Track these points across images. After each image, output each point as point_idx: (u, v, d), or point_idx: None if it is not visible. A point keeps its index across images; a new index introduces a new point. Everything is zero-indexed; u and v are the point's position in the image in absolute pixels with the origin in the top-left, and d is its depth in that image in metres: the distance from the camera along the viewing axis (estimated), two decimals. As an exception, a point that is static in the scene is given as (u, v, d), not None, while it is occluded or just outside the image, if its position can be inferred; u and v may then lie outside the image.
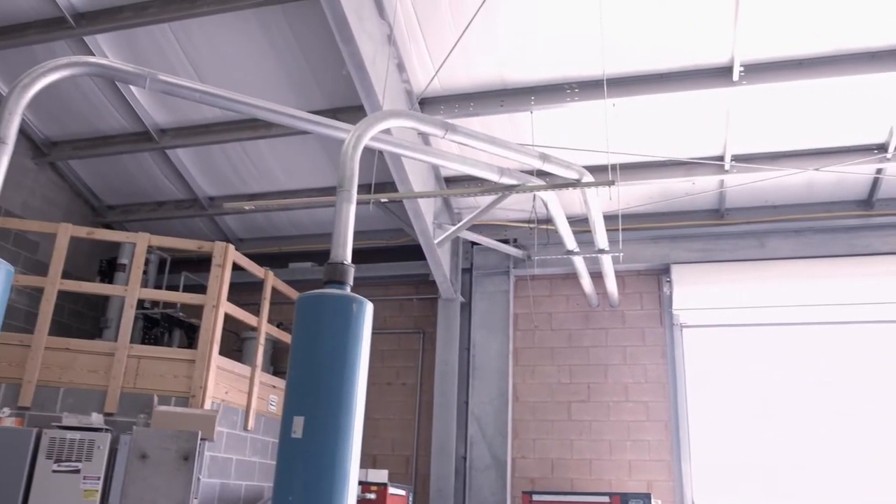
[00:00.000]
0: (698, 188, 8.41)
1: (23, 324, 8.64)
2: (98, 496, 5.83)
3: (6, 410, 6.08)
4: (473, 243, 9.47)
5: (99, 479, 5.87)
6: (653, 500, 7.37)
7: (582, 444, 8.96)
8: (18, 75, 6.01)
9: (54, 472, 5.83)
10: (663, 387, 8.96)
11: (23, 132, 8.89)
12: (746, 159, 7.75)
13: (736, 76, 6.52)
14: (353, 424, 4.18)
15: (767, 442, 8.49)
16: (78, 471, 5.85)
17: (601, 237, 7.51)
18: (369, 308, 4.39)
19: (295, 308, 4.52)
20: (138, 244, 7.03)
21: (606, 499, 7.37)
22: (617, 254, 7.75)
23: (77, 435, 5.94)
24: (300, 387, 4.19)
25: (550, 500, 7.45)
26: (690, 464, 8.67)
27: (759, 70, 6.53)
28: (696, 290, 8.97)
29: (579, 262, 8.29)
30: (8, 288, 4.33)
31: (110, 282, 9.19)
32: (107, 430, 6.04)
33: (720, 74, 6.62)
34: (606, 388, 9.11)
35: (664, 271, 9.28)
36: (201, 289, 7.43)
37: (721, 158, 7.81)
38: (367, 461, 9.29)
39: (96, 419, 6.11)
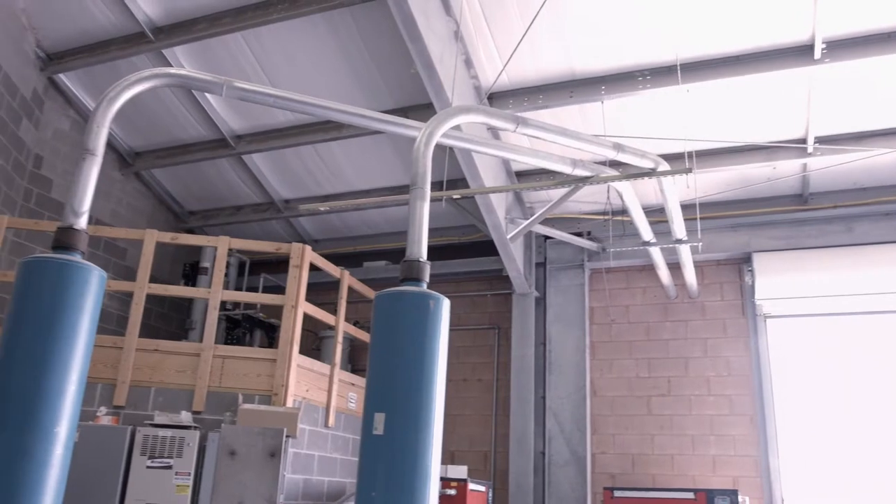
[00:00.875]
0: (780, 173, 8.09)
1: (115, 327, 9.05)
2: (189, 491, 6.06)
3: (103, 409, 6.38)
4: (547, 237, 9.38)
5: (189, 474, 6.10)
6: (740, 497, 7.13)
7: (663, 439, 8.76)
8: (103, 90, 6.30)
9: (148, 467, 6.09)
10: (747, 380, 8.67)
11: (109, 144, 9.32)
12: (831, 141, 7.40)
13: (818, 54, 6.23)
14: (434, 420, 4.20)
15: (858, 436, 8.10)
16: (170, 467, 6.09)
17: (678, 227, 7.31)
18: (446, 304, 4.40)
19: (373, 306, 4.58)
20: (219, 247, 7.25)
21: (691, 495, 7.17)
22: (695, 243, 7.53)
23: (168, 433, 6.18)
24: (380, 383, 4.24)
25: (633, 497, 7.31)
26: (779, 459, 8.36)
27: (842, 46, 6.22)
28: (780, 279, 8.63)
29: (656, 253, 8.10)
30: (101, 293, 4.54)
31: (194, 285, 9.54)
32: (196, 427, 6.27)
33: (800, 53, 6.34)
34: (687, 381, 8.88)
35: (745, 260, 8.97)
36: (279, 290, 7.62)
37: (803, 141, 7.49)
38: (446, 457, 9.34)
39: (186, 417, 6.34)
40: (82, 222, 4.48)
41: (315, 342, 9.71)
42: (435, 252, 9.72)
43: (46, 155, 8.78)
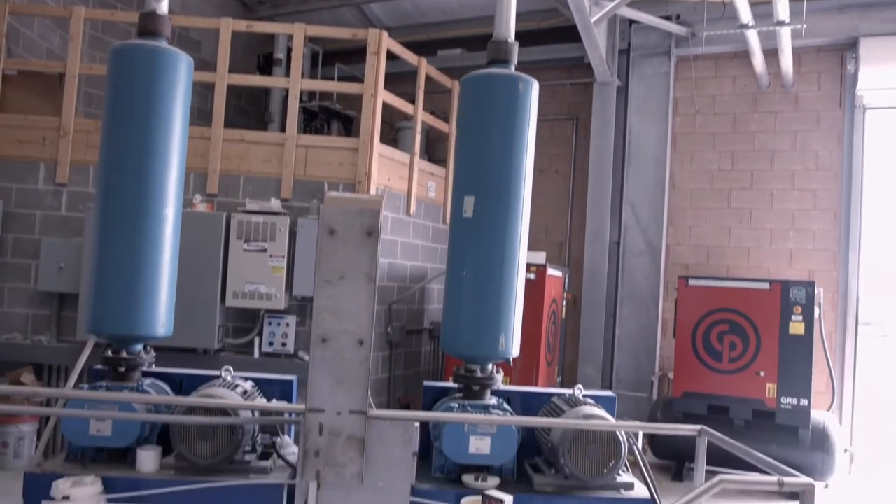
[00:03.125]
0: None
1: (195, 120, 9.21)
2: (284, 272, 6.48)
3: (198, 197, 6.69)
4: (632, 21, 8.79)
5: (283, 257, 6.49)
6: (816, 289, 7.17)
7: (741, 232, 8.73)
8: None
9: (245, 251, 6.49)
10: (835, 174, 8.37)
11: (173, -75, 8.90)
12: None
13: None
14: (522, 202, 4.25)
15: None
16: (265, 250, 6.48)
17: (782, 6, 6.71)
18: (535, 87, 4.27)
19: (460, 90, 4.49)
20: (295, 35, 7.10)
21: (766, 285, 7.24)
22: (798, 26, 6.95)
23: (260, 218, 6.50)
24: (470, 167, 4.27)
25: (707, 286, 7.44)
26: (859, 254, 8.27)
27: None
28: (888, 68, 7.97)
29: (753, 38, 7.54)
30: (191, 79, 4.57)
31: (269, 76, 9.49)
32: (285, 213, 6.56)
33: None
34: (771, 175, 8.64)
35: (850, 46, 8.27)
36: (354, 80, 7.51)
37: None
38: (521, 246, 9.59)
39: (275, 204, 6.62)
40: (164, 7, 4.40)
41: (391, 134, 9.72)
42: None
43: (112, -61, 8.49)
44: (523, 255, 4.32)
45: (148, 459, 3.91)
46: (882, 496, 7.19)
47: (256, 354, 6.56)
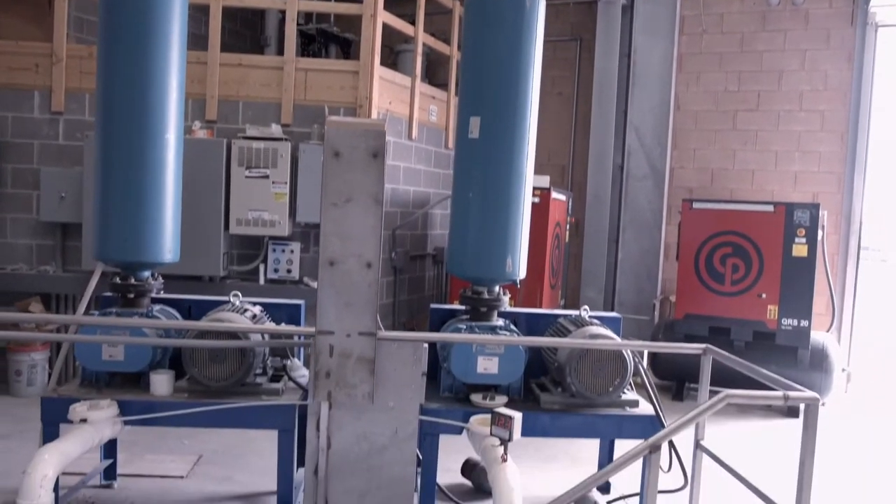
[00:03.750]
0: None
1: (189, 45, 8.98)
2: (287, 199, 6.45)
3: (197, 123, 6.58)
4: (639, -64, 8.49)
5: (285, 183, 6.45)
6: (821, 211, 7.16)
7: (746, 154, 8.65)
8: None
9: (247, 177, 6.44)
10: (844, 95, 8.23)
11: None
12: None
13: None
14: (529, 122, 4.19)
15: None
16: (267, 176, 6.43)
17: (796, -84, 6.46)
18: (542, 3, 4.14)
19: (465, 8, 4.36)
20: (291, -47, 6.85)
21: (771, 208, 7.23)
22: (812, -63, 6.70)
23: (261, 144, 6.43)
24: (475, 87, 4.18)
25: (712, 209, 7.42)
26: (864, 177, 8.22)
27: None
28: (902, -19, 7.74)
29: (764, -49, 7.29)
30: (186, 3, 4.44)
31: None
32: (286, 139, 6.48)
33: None
34: (778, 96, 8.50)
35: (864, -41, 8.00)
36: (352, 1, 7.28)
37: None
38: (523, 172, 9.52)
39: (276, 130, 6.53)
40: (156, -78, 4.23)
41: (391, 58, 9.50)
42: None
43: None
44: (530, 176, 4.28)
45: (161, 383, 3.97)
46: (876, 413, 7.36)
47: (262, 281, 6.60)
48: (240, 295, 4.34)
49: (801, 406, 2.97)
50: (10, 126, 6.74)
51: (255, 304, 4.46)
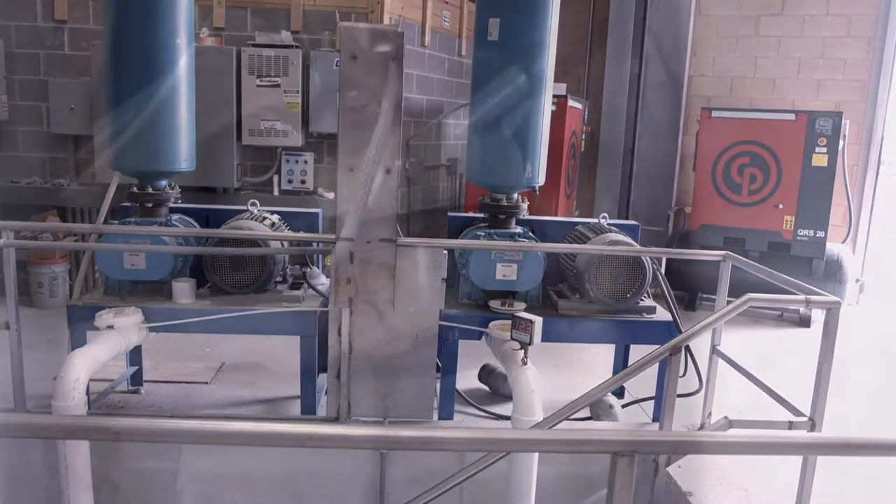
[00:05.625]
0: None
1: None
2: (299, 108, 6.34)
3: (205, 31, 6.42)
4: None
5: (297, 92, 6.32)
6: (843, 120, 7.00)
7: (767, 62, 8.39)
8: None
9: (258, 86, 6.32)
10: (874, -1, 7.91)
11: None
12: None
13: None
14: (549, 24, 4.05)
15: None
16: (278, 85, 6.30)
17: None
18: None
19: None
20: None
21: (792, 116, 7.07)
22: None
23: (272, 52, 6.27)
24: (495, -14, 4.03)
25: (731, 118, 7.27)
26: (889, 84, 7.98)
27: None
28: None
29: None
30: None
31: None
32: (297, 46, 6.32)
33: None
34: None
35: None
36: None
37: None
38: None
39: (286, 37, 6.36)
40: None
41: (401, -38, 9.17)
42: None
43: None
44: (550, 81, 4.18)
45: (184, 290, 4.02)
46: (887, 323, 7.41)
47: (276, 192, 6.57)
48: (257, 203, 4.34)
49: (816, 313, 2.98)
50: (14, 35, 6.59)
51: (272, 212, 4.45)
